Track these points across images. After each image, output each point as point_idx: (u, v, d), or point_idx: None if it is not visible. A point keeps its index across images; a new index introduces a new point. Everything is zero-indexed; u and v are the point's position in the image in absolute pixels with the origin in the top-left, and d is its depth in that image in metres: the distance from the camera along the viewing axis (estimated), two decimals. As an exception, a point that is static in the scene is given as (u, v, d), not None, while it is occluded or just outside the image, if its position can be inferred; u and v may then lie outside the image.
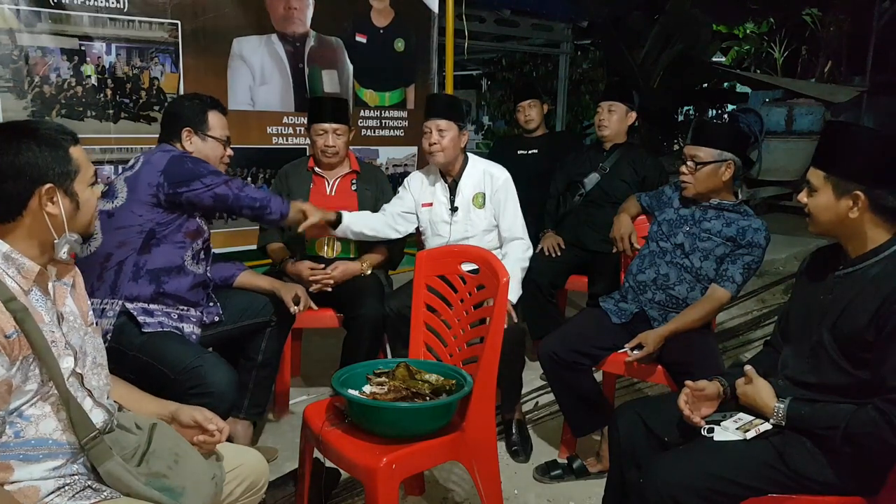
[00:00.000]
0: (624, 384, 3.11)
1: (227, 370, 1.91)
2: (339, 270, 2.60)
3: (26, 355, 1.20)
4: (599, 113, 3.18)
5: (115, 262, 1.95)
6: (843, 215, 1.49)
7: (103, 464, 1.28)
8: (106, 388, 1.40)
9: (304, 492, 1.97)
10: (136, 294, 1.98)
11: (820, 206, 1.52)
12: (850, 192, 1.47)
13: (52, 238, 1.28)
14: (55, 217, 1.27)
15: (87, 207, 1.34)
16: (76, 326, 1.35)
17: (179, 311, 2.06)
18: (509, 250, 2.63)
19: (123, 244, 1.96)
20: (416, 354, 2.08)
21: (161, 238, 2.01)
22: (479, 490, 1.87)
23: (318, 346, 3.31)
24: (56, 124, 1.36)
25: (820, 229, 1.56)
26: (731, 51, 8.38)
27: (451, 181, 2.70)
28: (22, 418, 1.23)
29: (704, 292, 2.28)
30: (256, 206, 2.12)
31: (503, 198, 2.64)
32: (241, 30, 3.21)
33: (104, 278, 1.95)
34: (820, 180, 1.52)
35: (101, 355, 1.41)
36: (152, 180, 1.96)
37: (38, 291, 1.28)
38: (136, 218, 1.96)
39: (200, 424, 1.45)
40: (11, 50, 2.60)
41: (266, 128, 3.39)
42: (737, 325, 3.96)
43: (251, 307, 2.28)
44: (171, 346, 1.92)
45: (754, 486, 1.49)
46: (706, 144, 2.28)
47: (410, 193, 2.75)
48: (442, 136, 2.58)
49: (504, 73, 8.06)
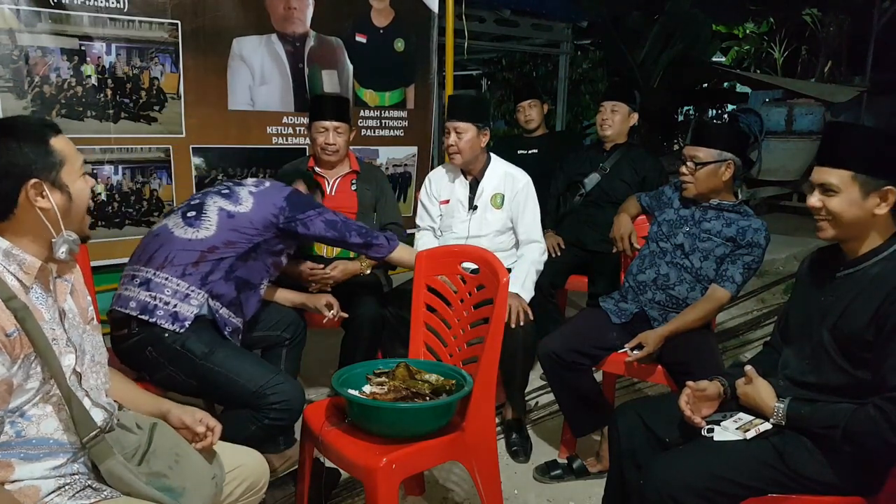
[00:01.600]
0: (624, 384, 3.11)
1: (294, 381, 2.04)
2: (338, 270, 2.60)
3: (27, 353, 1.20)
4: (602, 113, 3.17)
5: (217, 256, 2.00)
6: (868, 213, 1.48)
7: (104, 462, 1.28)
8: (104, 387, 1.40)
9: (304, 492, 1.97)
10: (222, 293, 2.02)
11: (844, 206, 1.49)
12: (879, 189, 1.47)
13: (50, 236, 1.27)
14: (48, 212, 1.25)
15: (80, 198, 1.31)
16: (76, 324, 1.35)
17: (237, 324, 2.10)
18: (525, 252, 2.65)
19: (231, 244, 2.02)
20: (416, 354, 2.08)
21: (259, 255, 2.10)
22: (479, 490, 1.87)
23: (318, 346, 3.30)
24: (35, 118, 1.35)
25: (838, 231, 1.52)
26: (731, 51, 8.38)
27: (472, 180, 2.71)
28: (23, 418, 1.23)
29: (704, 292, 2.28)
30: (363, 232, 2.22)
31: (523, 200, 2.66)
32: (241, 30, 3.20)
33: (200, 267, 1.98)
34: (845, 179, 1.48)
35: (99, 353, 1.41)
36: (277, 202, 2.09)
37: (39, 289, 1.28)
38: (252, 228, 2.05)
39: (189, 427, 1.46)
40: (11, 50, 2.60)
41: (266, 128, 3.39)
42: (737, 325, 3.96)
43: (265, 318, 2.29)
44: (248, 359, 1.97)
45: (754, 485, 1.49)
46: (706, 145, 2.28)
47: (433, 195, 2.79)
48: (459, 138, 2.59)
49: (504, 73, 8.06)
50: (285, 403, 1.89)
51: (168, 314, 1.90)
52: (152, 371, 1.96)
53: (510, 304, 2.33)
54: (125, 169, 2.97)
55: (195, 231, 2.00)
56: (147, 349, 1.91)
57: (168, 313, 1.90)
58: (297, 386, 1.98)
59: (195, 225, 2.01)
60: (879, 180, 1.47)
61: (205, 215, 2.03)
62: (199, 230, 2.00)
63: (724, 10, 6.95)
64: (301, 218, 2.10)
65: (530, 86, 4.06)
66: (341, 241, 2.20)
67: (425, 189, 2.84)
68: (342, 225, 2.18)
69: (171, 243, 1.99)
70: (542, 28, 5.98)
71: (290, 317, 2.37)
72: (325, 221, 2.14)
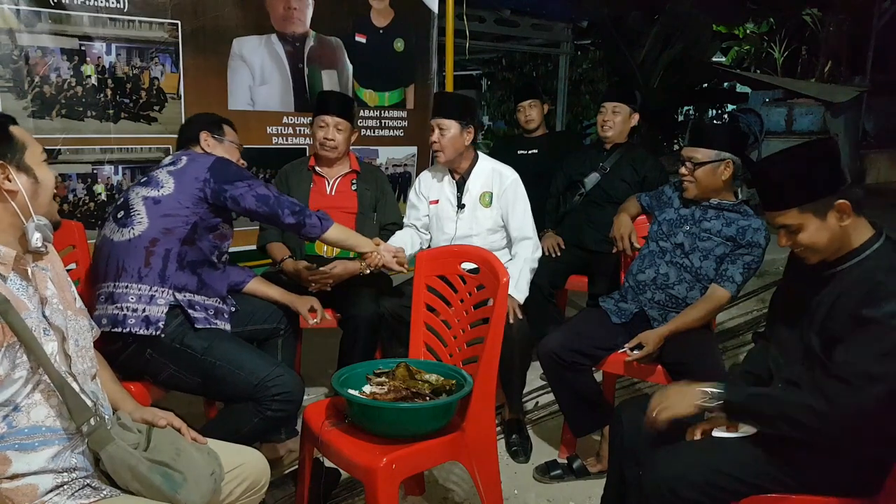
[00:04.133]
0: (624, 384, 3.11)
1: (298, 377, 2.02)
2: (337, 270, 2.60)
3: (11, 343, 1.21)
4: (603, 114, 3.17)
5: (162, 248, 1.95)
6: (835, 229, 1.48)
7: (104, 448, 1.29)
8: (91, 371, 1.41)
9: (304, 492, 1.97)
10: (184, 284, 1.99)
11: (814, 235, 1.49)
12: (830, 206, 1.46)
13: (21, 222, 1.29)
14: (16, 194, 1.28)
15: (46, 183, 1.35)
16: (59, 309, 1.35)
17: (216, 305, 2.08)
18: (519, 250, 2.64)
19: (170, 231, 1.96)
20: (416, 354, 2.08)
21: (202, 233, 2.03)
22: (479, 490, 1.87)
23: (318, 346, 3.30)
24: None
25: (823, 254, 1.52)
26: (731, 51, 8.39)
27: (458, 178, 2.71)
28: (15, 410, 1.24)
29: (704, 292, 2.28)
30: (297, 210, 2.10)
31: (512, 198, 2.64)
32: (241, 30, 3.20)
33: (152, 264, 1.94)
34: (796, 217, 1.49)
35: (83, 338, 1.42)
36: (199, 175, 1.98)
37: (17, 278, 1.29)
38: (183, 209, 1.96)
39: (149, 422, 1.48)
40: (11, 50, 2.59)
41: (266, 128, 3.38)
42: (737, 325, 3.96)
43: (258, 313, 2.30)
44: (246, 352, 1.98)
45: (753, 482, 1.49)
46: (703, 145, 2.28)
47: (422, 194, 2.78)
48: (442, 135, 2.58)
49: (504, 73, 8.07)
50: (287, 395, 1.91)
51: (139, 320, 1.89)
52: (155, 374, 1.96)
53: None
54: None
55: (130, 230, 1.95)
56: (146, 352, 1.91)
57: (139, 319, 1.89)
58: (296, 377, 1.99)
59: (128, 224, 1.95)
60: (822, 199, 1.46)
61: (133, 210, 1.96)
62: (134, 227, 1.95)
63: (724, 10, 6.96)
64: (229, 189, 1.99)
65: (531, 86, 4.05)
66: (274, 218, 2.09)
67: (415, 188, 2.83)
68: (274, 201, 2.06)
69: (115, 251, 1.95)
70: (542, 28, 5.99)
71: (284, 308, 2.37)
72: (257, 196, 2.02)
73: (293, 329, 2.41)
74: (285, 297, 2.38)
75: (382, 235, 2.81)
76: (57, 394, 1.27)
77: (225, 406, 2.03)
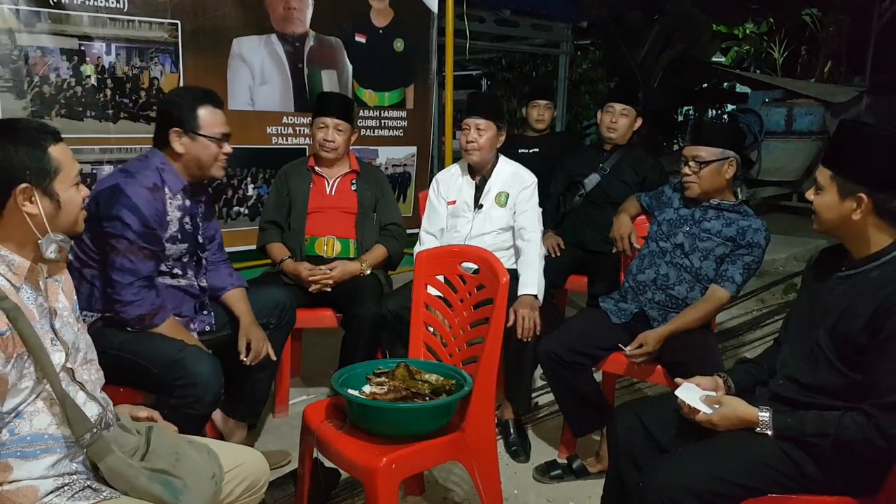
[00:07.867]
0: (624, 384, 3.10)
1: (210, 360, 1.89)
2: (338, 270, 2.60)
3: (20, 353, 1.21)
4: (611, 114, 3.14)
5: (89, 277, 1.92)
6: (846, 216, 1.49)
7: (103, 460, 1.29)
8: (98, 382, 1.41)
9: (304, 492, 1.97)
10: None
11: (824, 205, 1.52)
12: (854, 194, 1.47)
13: (36, 238, 1.28)
14: (34, 217, 1.27)
15: (69, 207, 1.32)
16: (70, 322, 1.36)
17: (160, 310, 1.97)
18: (527, 248, 2.60)
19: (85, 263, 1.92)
20: (416, 354, 2.07)
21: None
22: (479, 490, 1.87)
23: (318, 346, 3.30)
24: (37, 122, 1.36)
25: (823, 228, 1.55)
26: (731, 51, 8.39)
27: (479, 179, 2.71)
28: (18, 417, 1.24)
29: (704, 292, 2.27)
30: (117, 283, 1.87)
31: (526, 199, 2.64)
32: (241, 30, 3.21)
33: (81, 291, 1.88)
34: (826, 179, 1.51)
35: (91, 351, 1.43)
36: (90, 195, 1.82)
37: (28, 289, 1.29)
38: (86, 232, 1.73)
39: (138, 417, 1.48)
40: (11, 50, 2.60)
41: (266, 128, 3.39)
42: (737, 325, 3.96)
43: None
44: (152, 341, 1.90)
45: (753, 486, 1.48)
46: (707, 144, 2.27)
47: (441, 197, 2.76)
48: (480, 135, 2.58)
49: (504, 73, 8.06)
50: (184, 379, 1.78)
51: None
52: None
53: (522, 315, 2.32)
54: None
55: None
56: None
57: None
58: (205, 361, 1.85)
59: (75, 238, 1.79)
60: (854, 185, 1.47)
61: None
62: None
63: (724, 10, 6.97)
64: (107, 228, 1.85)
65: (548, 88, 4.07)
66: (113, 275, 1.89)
67: (433, 191, 2.80)
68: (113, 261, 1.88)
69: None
70: (542, 28, 5.99)
71: (276, 300, 2.32)
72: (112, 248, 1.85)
73: (286, 322, 2.36)
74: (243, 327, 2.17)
75: (382, 235, 2.81)
76: (59, 404, 1.26)
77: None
